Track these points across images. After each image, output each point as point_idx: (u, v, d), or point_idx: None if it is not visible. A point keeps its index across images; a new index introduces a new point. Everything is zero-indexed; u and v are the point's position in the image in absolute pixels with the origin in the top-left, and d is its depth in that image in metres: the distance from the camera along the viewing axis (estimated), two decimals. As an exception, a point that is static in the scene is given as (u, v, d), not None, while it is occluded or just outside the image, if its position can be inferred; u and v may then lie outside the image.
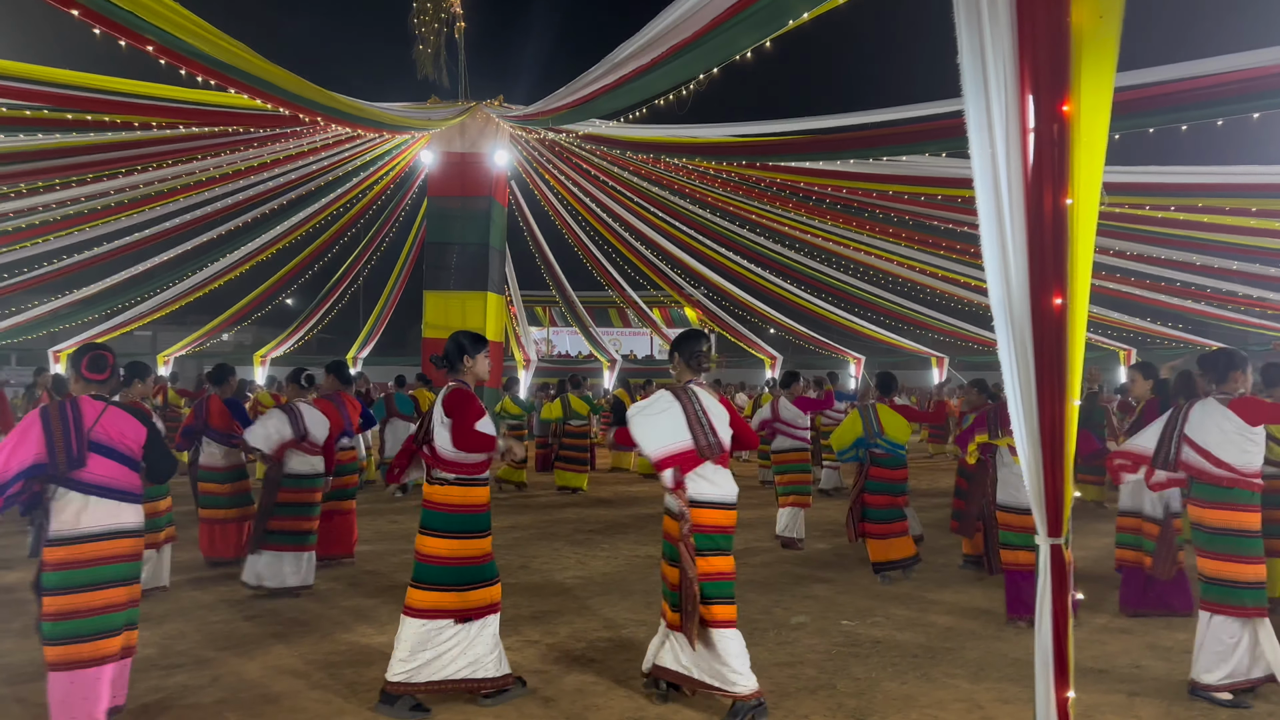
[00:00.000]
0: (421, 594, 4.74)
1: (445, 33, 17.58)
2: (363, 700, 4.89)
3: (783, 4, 5.60)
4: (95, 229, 16.78)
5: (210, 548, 8.19)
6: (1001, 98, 3.19)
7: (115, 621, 4.34)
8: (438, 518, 4.79)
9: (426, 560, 4.78)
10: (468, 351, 4.94)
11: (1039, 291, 3.18)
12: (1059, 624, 3.28)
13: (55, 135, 10.73)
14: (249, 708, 4.80)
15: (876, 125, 8.75)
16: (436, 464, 4.83)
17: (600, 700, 4.94)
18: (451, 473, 4.78)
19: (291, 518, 7.22)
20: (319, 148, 15.26)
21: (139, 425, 4.53)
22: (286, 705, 4.85)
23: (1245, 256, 13.81)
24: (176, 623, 6.40)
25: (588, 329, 29.72)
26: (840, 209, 14.87)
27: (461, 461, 4.78)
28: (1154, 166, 9.85)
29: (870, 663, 5.63)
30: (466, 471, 4.80)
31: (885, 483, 8.12)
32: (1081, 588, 3.53)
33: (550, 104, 11.29)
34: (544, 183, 20.23)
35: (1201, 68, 6.56)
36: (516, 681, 4.98)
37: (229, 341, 35.69)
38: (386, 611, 6.67)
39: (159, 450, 4.68)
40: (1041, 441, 3.27)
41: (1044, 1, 3.15)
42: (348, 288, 24.89)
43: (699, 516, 4.64)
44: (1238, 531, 4.91)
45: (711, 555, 4.65)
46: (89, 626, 4.24)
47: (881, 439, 8.14)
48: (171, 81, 7.71)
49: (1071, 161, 3.16)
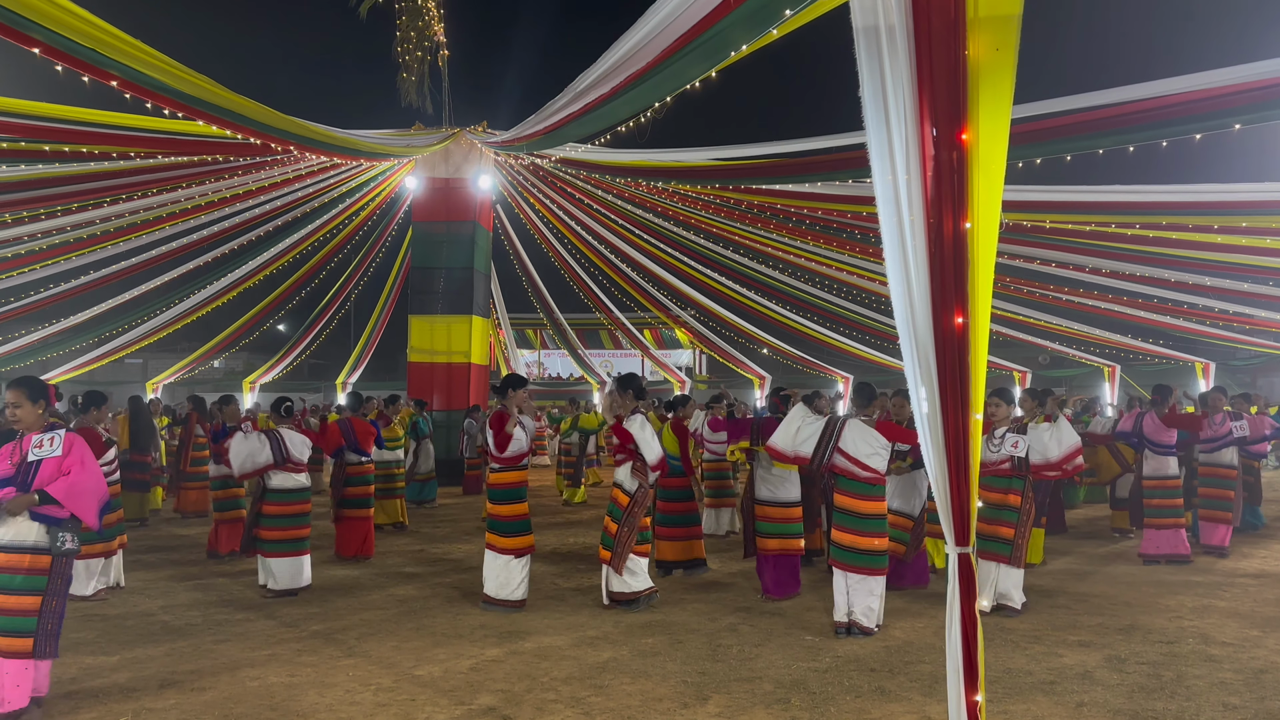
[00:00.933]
0: (494, 538, 7.32)
1: (429, 61, 17.85)
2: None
3: (725, 37, 5.80)
4: (83, 257, 16.93)
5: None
6: (902, 127, 3.34)
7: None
8: (496, 492, 7.41)
9: (493, 517, 7.41)
10: (512, 386, 7.45)
11: (941, 311, 3.32)
12: (968, 630, 3.39)
13: (38, 166, 10.91)
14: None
15: (800, 154, 9.18)
16: (491, 458, 7.48)
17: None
18: (498, 464, 7.40)
19: (280, 528, 7.95)
20: (304, 174, 15.45)
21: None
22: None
23: (1216, 272, 13.98)
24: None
25: (576, 351, 29.84)
26: (819, 229, 15.06)
27: (503, 456, 7.35)
28: (1120, 186, 10.06)
29: (828, 677, 5.71)
30: (506, 463, 7.40)
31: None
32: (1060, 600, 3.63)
33: (524, 130, 11.49)
34: (529, 206, 20.43)
35: (1110, 96, 6.90)
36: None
37: (219, 368, 35.81)
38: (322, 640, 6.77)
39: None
40: (947, 454, 3.40)
41: (941, 35, 3.31)
42: (335, 312, 25.05)
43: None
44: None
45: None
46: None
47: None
48: (140, 113, 7.89)
49: (970, 187, 3.31)
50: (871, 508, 6.68)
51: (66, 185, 11.64)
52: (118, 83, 6.70)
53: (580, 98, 8.27)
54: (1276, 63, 6.36)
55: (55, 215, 13.60)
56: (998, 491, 7.29)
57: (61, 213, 13.51)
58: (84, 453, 4.92)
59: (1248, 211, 10.04)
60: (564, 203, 18.84)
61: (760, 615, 7.26)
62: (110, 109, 8.37)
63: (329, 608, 7.56)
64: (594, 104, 8.23)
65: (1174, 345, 22.42)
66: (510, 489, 7.41)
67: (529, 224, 21.83)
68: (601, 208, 18.10)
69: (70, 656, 5.99)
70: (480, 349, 18.80)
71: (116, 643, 6.43)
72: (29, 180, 11.12)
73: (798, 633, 6.76)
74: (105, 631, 6.74)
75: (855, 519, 6.65)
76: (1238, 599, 7.75)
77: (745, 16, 5.65)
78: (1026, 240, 13.28)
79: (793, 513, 7.86)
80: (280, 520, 7.97)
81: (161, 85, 6.84)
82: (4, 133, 8.46)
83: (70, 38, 5.96)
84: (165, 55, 6.42)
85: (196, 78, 6.93)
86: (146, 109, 7.52)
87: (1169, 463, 9.49)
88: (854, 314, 21.76)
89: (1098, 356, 24.43)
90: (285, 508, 8.05)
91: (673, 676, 5.64)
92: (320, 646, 6.36)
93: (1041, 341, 23.75)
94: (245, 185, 15.08)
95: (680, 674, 5.70)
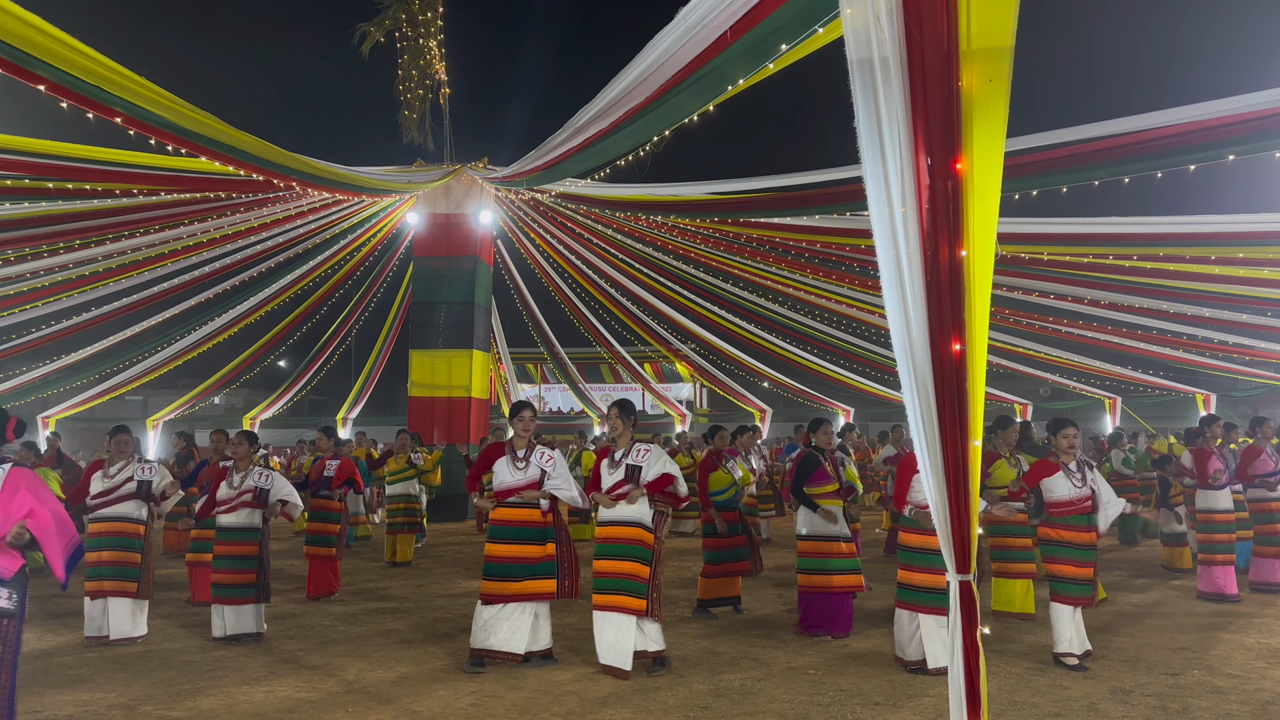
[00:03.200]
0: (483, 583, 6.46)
1: (430, 99, 18.06)
2: None
3: (722, 72, 5.88)
4: (85, 294, 17.02)
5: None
6: (897, 158, 3.38)
7: None
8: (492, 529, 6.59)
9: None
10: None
11: (938, 338, 3.34)
12: (970, 658, 3.37)
13: (41, 204, 10.99)
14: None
15: (797, 188, 9.21)
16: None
17: None
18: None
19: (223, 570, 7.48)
20: (305, 211, 15.56)
21: None
22: None
23: (1214, 303, 14.04)
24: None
25: (577, 385, 29.84)
26: (818, 263, 15.14)
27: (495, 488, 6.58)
28: (1116, 218, 10.14)
29: (832, 711, 5.66)
30: (498, 496, 6.56)
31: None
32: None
33: (525, 166, 11.59)
34: (529, 241, 20.54)
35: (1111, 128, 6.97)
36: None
37: (220, 404, 35.79)
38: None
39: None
40: (946, 481, 3.40)
41: (935, 67, 3.36)
42: (336, 348, 25.09)
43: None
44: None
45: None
46: None
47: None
48: (144, 150, 7.96)
49: (965, 215, 3.34)
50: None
51: (70, 223, 11.72)
52: (122, 119, 6.78)
53: (580, 133, 8.36)
54: (1268, 95, 6.44)
55: (58, 252, 13.69)
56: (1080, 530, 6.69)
57: (64, 250, 13.60)
58: (36, 487, 4.30)
59: (1244, 243, 10.11)
60: (564, 237, 18.95)
61: (763, 648, 7.20)
62: (115, 146, 8.42)
63: (326, 641, 7.50)
64: (593, 139, 8.32)
65: (1174, 377, 22.45)
66: (497, 525, 6.67)
67: (529, 258, 21.95)
68: (601, 242, 18.21)
69: (69, 694, 5.95)
70: (481, 383, 18.81)
71: (113, 680, 6.38)
72: (32, 218, 11.19)
73: (800, 666, 6.71)
74: (102, 668, 6.69)
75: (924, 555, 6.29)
76: (1243, 630, 7.69)
77: (742, 52, 5.73)
78: (1026, 273, 13.36)
79: (839, 548, 7.47)
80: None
81: (166, 122, 6.92)
82: (8, 170, 8.53)
83: (75, 75, 6.04)
84: (170, 92, 6.50)
85: (201, 115, 7.01)
86: (150, 146, 7.59)
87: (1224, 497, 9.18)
88: (854, 347, 21.82)
89: (1099, 389, 24.44)
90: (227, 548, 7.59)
91: (674, 712, 5.59)
92: (318, 681, 6.31)
93: (1042, 374, 23.77)
94: (247, 221, 15.19)
95: (682, 709, 5.64)
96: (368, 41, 17.32)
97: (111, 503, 7.50)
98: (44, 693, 5.99)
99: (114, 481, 7.52)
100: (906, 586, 6.43)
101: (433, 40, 17.67)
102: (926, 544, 6.18)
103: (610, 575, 6.32)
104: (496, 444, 6.79)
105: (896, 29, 3.36)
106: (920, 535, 6.31)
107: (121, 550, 7.42)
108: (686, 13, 5.63)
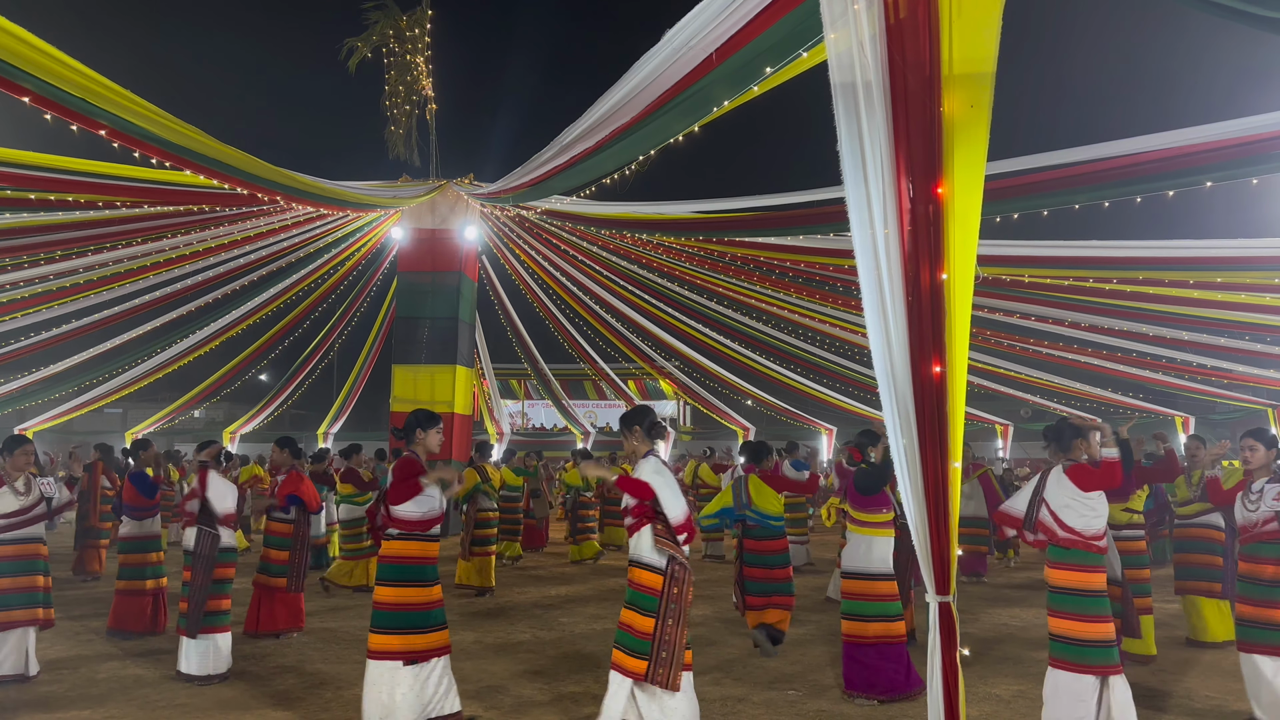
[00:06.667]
0: (377, 638, 5.19)
1: (416, 115, 18.07)
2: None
3: (708, 94, 5.93)
4: (64, 306, 16.86)
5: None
6: (880, 181, 3.41)
7: None
8: (388, 569, 5.28)
9: (379, 607, 5.27)
10: (421, 426, 5.49)
11: (919, 360, 3.36)
12: (949, 679, 3.37)
13: (22, 214, 10.91)
14: None
15: (781, 208, 9.25)
16: (388, 522, 5.33)
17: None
18: (397, 529, 5.29)
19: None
20: (289, 225, 15.49)
21: None
22: None
23: (1193, 327, 14.16)
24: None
25: (560, 401, 29.79)
26: (801, 281, 15.20)
27: (403, 518, 5.27)
28: (1097, 241, 10.24)
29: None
30: (409, 528, 5.29)
31: (758, 555, 7.74)
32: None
33: (510, 182, 11.61)
34: (514, 257, 20.54)
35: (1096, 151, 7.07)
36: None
37: (200, 418, 35.50)
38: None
39: None
40: (926, 502, 3.41)
41: (917, 92, 3.40)
42: (318, 363, 24.96)
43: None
44: (1080, 591, 5.02)
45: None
46: None
47: (750, 510, 7.78)
48: (127, 162, 7.91)
49: (946, 239, 3.37)
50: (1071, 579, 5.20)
51: (50, 234, 11.62)
52: (106, 131, 6.75)
53: (566, 151, 8.39)
54: (1246, 122, 6.53)
55: (38, 264, 13.57)
56: (1266, 562, 5.66)
57: (44, 261, 13.48)
58: None
59: (1222, 267, 10.22)
60: (549, 254, 18.95)
61: (767, 689, 6.72)
62: (98, 158, 8.35)
63: (304, 664, 7.44)
64: (579, 157, 8.34)
65: (1153, 399, 22.63)
66: (413, 564, 5.32)
67: (514, 274, 21.93)
68: (586, 259, 18.23)
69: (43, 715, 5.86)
70: (464, 399, 18.75)
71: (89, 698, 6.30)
72: (12, 229, 11.11)
73: (780, 687, 6.69)
74: (76, 685, 6.61)
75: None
76: (1222, 654, 7.74)
77: (727, 74, 5.78)
78: (1006, 295, 13.45)
79: (883, 587, 6.53)
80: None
81: (150, 134, 6.90)
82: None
83: (60, 86, 6.02)
84: (154, 105, 6.49)
85: (185, 127, 6.99)
86: (134, 158, 7.56)
87: None
88: (836, 365, 21.88)
89: (1079, 410, 24.59)
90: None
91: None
92: (303, 697, 6.24)
93: (1023, 395, 23.92)
94: (230, 235, 15.10)
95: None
96: (355, 57, 17.32)
97: (27, 523, 6.69)
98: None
99: (28, 500, 6.71)
100: None
101: (420, 56, 17.70)
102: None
103: (619, 625, 4.94)
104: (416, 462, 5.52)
105: (879, 54, 3.40)
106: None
107: (32, 575, 6.71)
108: (673, 35, 5.68)
